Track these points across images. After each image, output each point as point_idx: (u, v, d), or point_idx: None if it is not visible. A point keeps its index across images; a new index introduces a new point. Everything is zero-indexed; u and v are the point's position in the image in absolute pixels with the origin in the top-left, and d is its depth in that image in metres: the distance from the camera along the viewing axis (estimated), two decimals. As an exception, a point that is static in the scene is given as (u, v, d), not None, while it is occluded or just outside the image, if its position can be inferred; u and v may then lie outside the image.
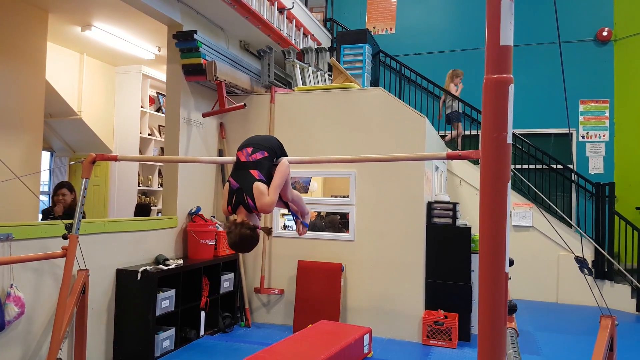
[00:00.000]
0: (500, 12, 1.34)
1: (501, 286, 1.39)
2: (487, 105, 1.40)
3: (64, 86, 6.47)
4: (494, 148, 1.39)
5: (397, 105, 5.20)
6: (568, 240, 6.52)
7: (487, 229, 1.40)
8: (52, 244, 3.48)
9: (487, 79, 1.40)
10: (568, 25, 8.20)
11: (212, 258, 5.02)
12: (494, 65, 1.38)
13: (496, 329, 1.41)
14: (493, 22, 1.36)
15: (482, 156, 1.41)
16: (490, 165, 1.39)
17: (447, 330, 4.74)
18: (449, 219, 5.10)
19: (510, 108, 1.39)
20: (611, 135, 8.08)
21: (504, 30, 1.34)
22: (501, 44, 1.36)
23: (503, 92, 1.37)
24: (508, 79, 1.38)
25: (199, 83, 5.31)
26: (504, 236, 1.39)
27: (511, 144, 1.40)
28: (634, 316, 6.25)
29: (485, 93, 1.40)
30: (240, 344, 4.69)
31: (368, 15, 9.79)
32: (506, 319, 1.43)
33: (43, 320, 3.51)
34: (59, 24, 5.58)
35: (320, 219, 6.59)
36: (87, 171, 3.26)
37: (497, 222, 1.38)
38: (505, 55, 1.37)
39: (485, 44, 1.40)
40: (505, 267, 1.40)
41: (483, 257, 1.42)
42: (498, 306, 1.40)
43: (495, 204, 1.39)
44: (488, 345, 1.42)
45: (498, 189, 1.38)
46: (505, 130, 1.37)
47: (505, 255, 1.39)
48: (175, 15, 4.96)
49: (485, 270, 1.41)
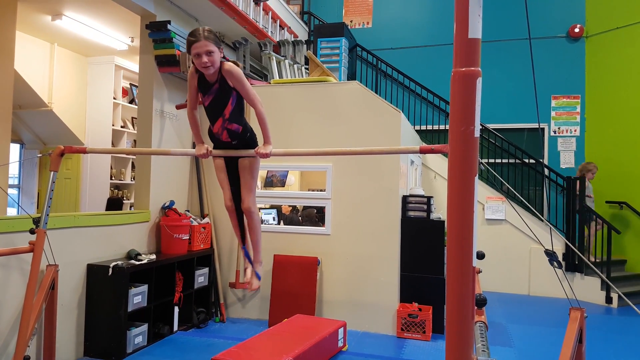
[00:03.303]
0: (469, 4, 1.33)
1: (468, 280, 1.39)
2: (455, 99, 1.39)
3: (33, 77, 6.30)
4: (462, 141, 1.38)
5: (373, 99, 5.20)
6: (539, 233, 6.64)
7: (454, 223, 1.40)
8: (19, 239, 3.39)
9: (455, 72, 1.39)
10: (540, 22, 8.31)
11: (186, 253, 4.96)
12: (461, 58, 1.37)
13: (464, 322, 1.41)
14: (461, 14, 1.35)
15: (450, 149, 1.40)
16: (457, 158, 1.39)
17: (421, 322, 4.78)
18: (423, 213, 5.14)
19: (478, 101, 1.38)
20: (582, 130, 8.24)
21: (472, 23, 1.33)
22: (469, 36, 1.35)
23: (471, 85, 1.36)
24: (476, 72, 1.37)
25: (172, 74, 5.22)
26: (471, 230, 1.39)
27: (479, 137, 1.40)
28: (603, 308, 6.41)
29: (453, 86, 1.39)
30: (215, 339, 4.65)
31: (345, 9, 9.76)
32: (474, 312, 1.44)
33: (10, 317, 3.42)
34: (28, 13, 5.42)
35: (297, 212, 6.57)
36: (55, 164, 3.18)
37: (465, 215, 1.38)
38: (473, 48, 1.36)
39: (454, 37, 1.39)
40: (472, 261, 1.40)
41: (451, 250, 1.42)
42: (466, 300, 1.40)
43: (462, 197, 1.38)
44: (456, 338, 1.42)
45: (465, 182, 1.38)
46: (473, 123, 1.36)
47: (472, 249, 1.39)
48: (149, 5, 4.86)
49: (452, 264, 1.41)
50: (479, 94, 1.38)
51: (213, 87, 2.71)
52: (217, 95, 2.72)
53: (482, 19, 1.39)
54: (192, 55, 2.61)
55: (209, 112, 2.80)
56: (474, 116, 1.37)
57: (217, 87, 2.70)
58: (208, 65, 2.57)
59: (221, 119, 2.76)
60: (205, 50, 2.55)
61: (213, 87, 2.71)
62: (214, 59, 2.59)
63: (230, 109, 2.74)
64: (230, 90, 2.71)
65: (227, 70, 2.65)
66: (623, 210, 7.50)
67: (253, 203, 2.97)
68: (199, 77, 2.73)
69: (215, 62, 2.61)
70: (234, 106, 2.75)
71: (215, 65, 2.62)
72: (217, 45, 2.61)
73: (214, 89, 2.71)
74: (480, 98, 1.38)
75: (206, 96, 2.75)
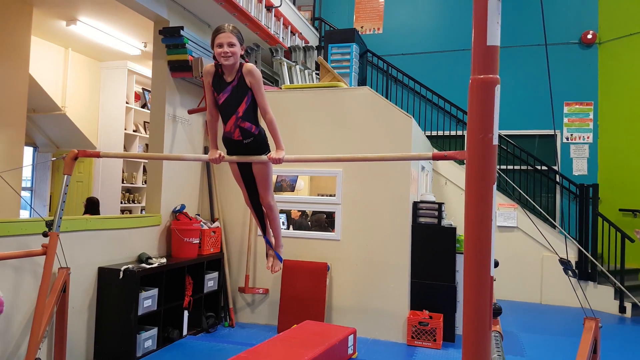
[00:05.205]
0: (487, 11, 1.32)
1: (486, 290, 1.37)
2: (473, 106, 1.38)
3: (48, 81, 6.36)
4: (480, 149, 1.37)
5: (384, 104, 5.19)
6: (552, 241, 6.58)
7: (472, 232, 1.38)
8: (32, 242, 3.41)
9: (473, 79, 1.37)
10: (553, 28, 8.26)
11: (196, 257, 4.96)
12: (480, 65, 1.36)
13: (480, 333, 1.39)
14: (480, 22, 1.34)
15: (468, 157, 1.39)
16: (475, 166, 1.37)
17: (431, 330, 4.74)
18: (434, 219, 5.10)
19: (497, 109, 1.37)
20: (595, 137, 8.16)
21: (491, 30, 1.32)
22: (488, 44, 1.34)
23: (489, 93, 1.35)
24: (494, 80, 1.36)
25: (185, 79, 5.25)
26: (489, 238, 1.37)
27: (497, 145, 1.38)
28: (617, 317, 6.32)
29: (471, 93, 1.37)
30: (224, 344, 4.65)
31: (356, 15, 9.77)
32: (491, 323, 1.42)
33: (22, 319, 3.44)
34: (43, 18, 5.49)
35: (306, 217, 6.56)
36: (68, 168, 3.21)
37: (483, 224, 1.36)
38: (491, 55, 1.35)
39: (472, 44, 1.37)
40: (490, 271, 1.38)
41: (468, 260, 1.41)
42: (483, 310, 1.38)
43: (480, 206, 1.37)
44: (472, 349, 1.40)
45: (483, 190, 1.36)
46: (491, 131, 1.35)
47: (490, 258, 1.37)
48: (162, 11, 4.89)
49: (470, 273, 1.40)
50: (498, 102, 1.37)
51: (229, 85, 2.80)
52: (233, 92, 2.81)
53: (497, 26, 1.38)
54: (214, 47, 2.73)
55: (223, 109, 2.88)
56: (493, 124, 1.35)
57: (234, 85, 2.79)
58: (229, 55, 2.70)
59: (234, 116, 2.83)
60: (228, 41, 2.69)
61: (230, 85, 2.80)
62: (235, 51, 2.72)
63: (244, 107, 2.83)
64: (247, 89, 2.80)
65: (249, 70, 2.76)
66: (637, 218, 7.41)
67: (272, 198, 3.19)
68: (214, 75, 2.83)
69: (236, 54, 2.73)
70: (248, 105, 2.83)
71: (235, 57, 2.74)
72: (239, 41, 2.74)
73: (230, 86, 2.80)
74: (499, 105, 1.37)
75: (221, 94, 2.84)
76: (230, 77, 2.80)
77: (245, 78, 2.78)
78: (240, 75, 2.79)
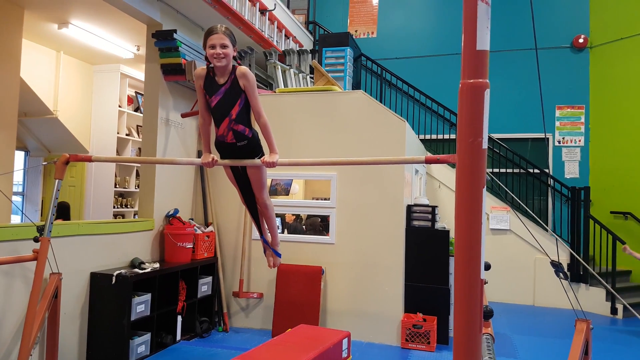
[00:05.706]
0: (477, 16, 1.33)
1: (476, 292, 1.38)
2: (463, 110, 1.39)
3: (39, 84, 6.33)
4: (470, 153, 1.38)
5: (378, 108, 5.20)
6: (544, 243, 6.61)
7: (462, 234, 1.39)
8: (23, 247, 3.39)
9: (463, 83, 1.38)
10: (545, 32, 8.31)
11: (190, 261, 4.95)
12: (469, 69, 1.37)
13: (471, 335, 1.40)
14: (469, 26, 1.35)
15: (458, 161, 1.40)
16: (465, 170, 1.38)
17: (425, 333, 4.75)
18: (428, 222, 5.12)
19: (486, 113, 1.37)
20: (586, 140, 8.21)
21: (480, 35, 1.33)
22: (477, 48, 1.34)
23: (479, 97, 1.35)
24: (484, 84, 1.37)
25: (178, 83, 5.24)
26: (479, 241, 1.37)
27: (487, 149, 1.39)
28: (608, 319, 6.35)
29: (461, 97, 1.38)
30: (218, 349, 4.63)
31: (350, 19, 9.80)
32: (482, 325, 1.42)
33: (13, 325, 3.41)
34: (35, 21, 5.46)
35: (301, 221, 6.56)
36: (60, 172, 3.19)
37: (473, 227, 1.37)
38: (481, 60, 1.35)
39: (462, 49, 1.38)
40: (480, 273, 1.39)
41: (458, 262, 1.41)
42: (473, 313, 1.38)
43: (470, 209, 1.37)
44: (463, 351, 1.40)
45: (473, 193, 1.37)
46: (481, 135, 1.36)
47: (480, 261, 1.37)
48: (155, 14, 4.89)
49: (460, 276, 1.40)
50: (487, 106, 1.37)
51: (222, 87, 2.78)
52: (226, 95, 2.79)
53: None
54: (206, 48, 2.71)
55: (216, 112, 2.86)
56: (482, 128, 1.36)
57: (227, 87, 2.78)
58: (221, 56, 2.68)
59: (227, 119, 2.82)
60: (221, 42, 2.68)
61: (222, 87, 2.78)
62: (228, 52, 2.70)
63: (237, 110, 2.81)
64: (240, 92, 2.78)
65: (243, 72, 2.75)
66: (628, 220, 7.46)
67: (267, 197, 3.22)
68: (205, 78, 2.81)
69: (228, 55, 2.72)
70: (242, 107, 2.82)
71: (228, 58, 2.72)
72: (232, 42, 2.73)
73: (223, 89, 2.78)
74: (488, 109, 1.38)
75: (213, 96, 2.82)
76: (222, 79, 2.78)
77: (239, 81, 2.76)
78: (234, 77, 2.77)
